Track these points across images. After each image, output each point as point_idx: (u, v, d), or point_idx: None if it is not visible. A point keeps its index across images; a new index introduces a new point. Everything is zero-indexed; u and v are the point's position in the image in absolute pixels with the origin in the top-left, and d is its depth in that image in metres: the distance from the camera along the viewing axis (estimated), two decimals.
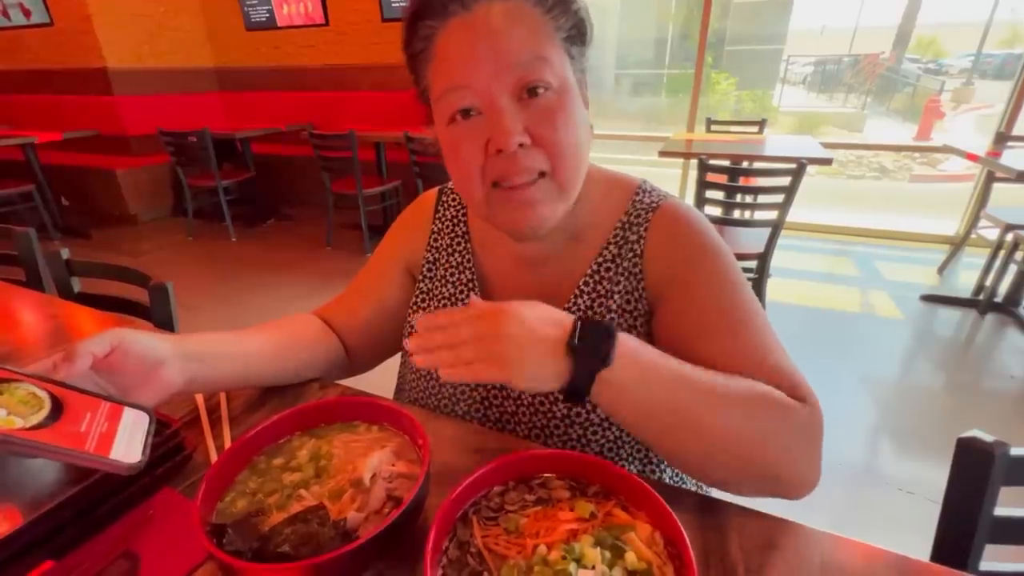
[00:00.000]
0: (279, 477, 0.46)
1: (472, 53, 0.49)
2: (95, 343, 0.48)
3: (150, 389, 0.52)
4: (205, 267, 3.47)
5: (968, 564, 0.54)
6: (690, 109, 3.75)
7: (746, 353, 0.52)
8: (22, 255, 1.23)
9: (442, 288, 0.70)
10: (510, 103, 0.50)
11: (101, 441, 0.43)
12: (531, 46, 0.49)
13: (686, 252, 0.58)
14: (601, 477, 0.43)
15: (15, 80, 4.56)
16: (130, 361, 0.51)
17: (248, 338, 0.64)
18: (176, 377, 0.53)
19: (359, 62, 4.11)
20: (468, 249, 0.69)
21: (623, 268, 0.60)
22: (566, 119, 0.51)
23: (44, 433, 0.40)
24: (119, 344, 0.50)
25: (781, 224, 2.11)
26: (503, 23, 0.49)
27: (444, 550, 0.38)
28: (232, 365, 0.60)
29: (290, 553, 0.37)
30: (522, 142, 0.50)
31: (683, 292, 0.57)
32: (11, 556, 0.42)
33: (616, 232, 0.61)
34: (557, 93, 0.50)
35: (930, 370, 2.22)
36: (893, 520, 1.45)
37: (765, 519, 0.48)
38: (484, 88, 0.49)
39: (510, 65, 0.49)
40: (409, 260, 0.74)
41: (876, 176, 7.68)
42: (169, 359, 0.53)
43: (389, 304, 0.74)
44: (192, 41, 4.55)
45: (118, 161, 4.16)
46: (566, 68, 0.52)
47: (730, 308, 0.54)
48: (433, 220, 0.73)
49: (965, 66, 15.28)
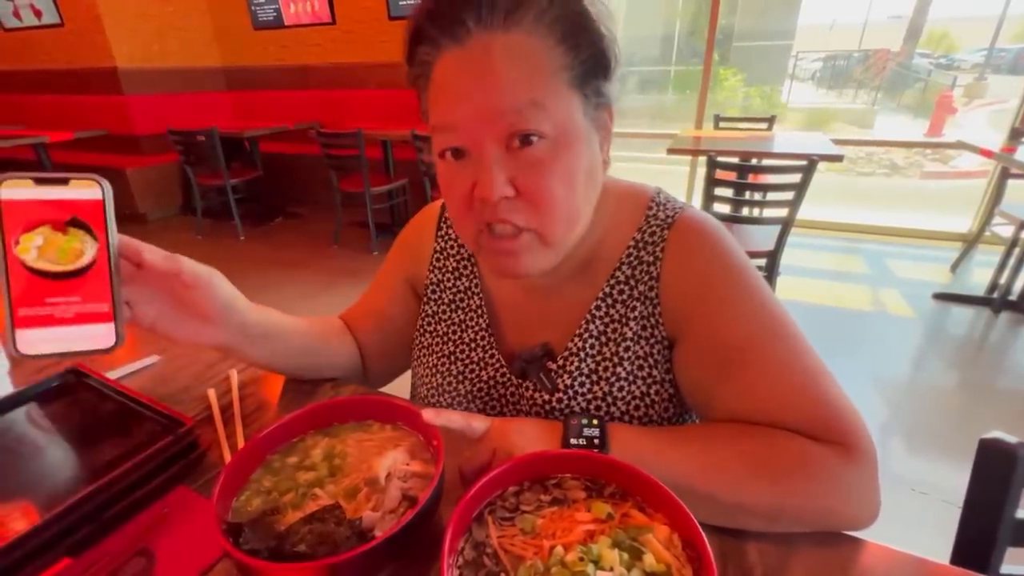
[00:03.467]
0: (293, 476, 0.46)
1: (462, 93, 0.45)
2: (191, 266, 0.49)
3: (188, 330, 0.51)
4: (214, 265, 3.46)
5: (989, 567, 0.53)
6: (698, 106, 3.72)
7: (774, 390, 0.48)
8: None
9: (451, 314, 0.67)
10: (498, 151, 0.46)
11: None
12: (526, 90, 0.44)
13: (704, 276, 0.53)
14: (617, 477, 0.42)
15: (27, 80, 4.61)
16: (206, 305, 0.51)
17: (287, 321, 0.64)
18: (221, 336, 0.54)
19: (366, 60, 4.12)
20: (476, 273, 0.66)
21: (638, 292, 0.56)
22: (559, 171, 0.46)
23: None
24: (208, 285, 0.50)
25: (791, 221, 2.09)
26: (499, 61, 0.44)
27: (460, 550, 0.38)
28: (271, 347, 0.61)
29: (307, 552, 0.37)
30: (506, 194, 0.46)
31: (703, 326, 0.52)
32: (28, 554, 0.42)
33: (629, 251, 0.57)
34: (553, 143, 0.46)
35: (943, 369, 2.20)
36: (907, 521, 1.43)
37: None
38: (472, 132, 0.46)
39: (500, 111, 0.44)
40: (412, 279, 0.72)
41: (886, 173, 7.59)
42: (233, 322, 0.54)
43: (397, 320, 0.73)
44: (200, 40, 4.58)
45: (128, 160, 4.21)
46: (573, 112, 0.47)
47: (752, 337, 0.50)
48: (435, 238, 0.70)
49: (978, 61, 15.05)
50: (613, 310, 0.57)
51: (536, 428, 0.49)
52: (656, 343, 0.56)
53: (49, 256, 0.40)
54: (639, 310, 0.56)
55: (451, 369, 0.65)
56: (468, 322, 0.66)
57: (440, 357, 0.67)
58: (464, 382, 0.64)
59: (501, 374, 0.62)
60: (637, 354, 0.56)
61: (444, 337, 0.68)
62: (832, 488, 0.44)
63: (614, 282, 0.57)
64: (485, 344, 0.64)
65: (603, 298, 0.58)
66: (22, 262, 0.40)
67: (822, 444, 0.45)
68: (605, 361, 0.57)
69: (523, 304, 0.64)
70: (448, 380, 0.65)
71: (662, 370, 0.56)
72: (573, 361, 0.58)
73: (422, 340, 0.70)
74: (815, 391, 0.48)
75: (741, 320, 0.51)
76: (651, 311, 0.56)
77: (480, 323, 0.65)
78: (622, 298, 0.57)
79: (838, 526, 0.46)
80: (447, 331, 0.68)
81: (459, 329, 0.67)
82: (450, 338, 0.67)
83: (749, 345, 0.50)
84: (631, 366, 0.56)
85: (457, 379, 0.65)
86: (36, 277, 0.40)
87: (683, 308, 0.54)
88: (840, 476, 0.44)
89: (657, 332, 0.56)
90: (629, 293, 0.57)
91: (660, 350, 0.56)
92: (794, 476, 0.44)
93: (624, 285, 0.57)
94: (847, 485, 0.45)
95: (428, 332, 0.69)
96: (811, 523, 0.45)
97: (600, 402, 0.56)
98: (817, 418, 0.46)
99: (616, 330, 0.57)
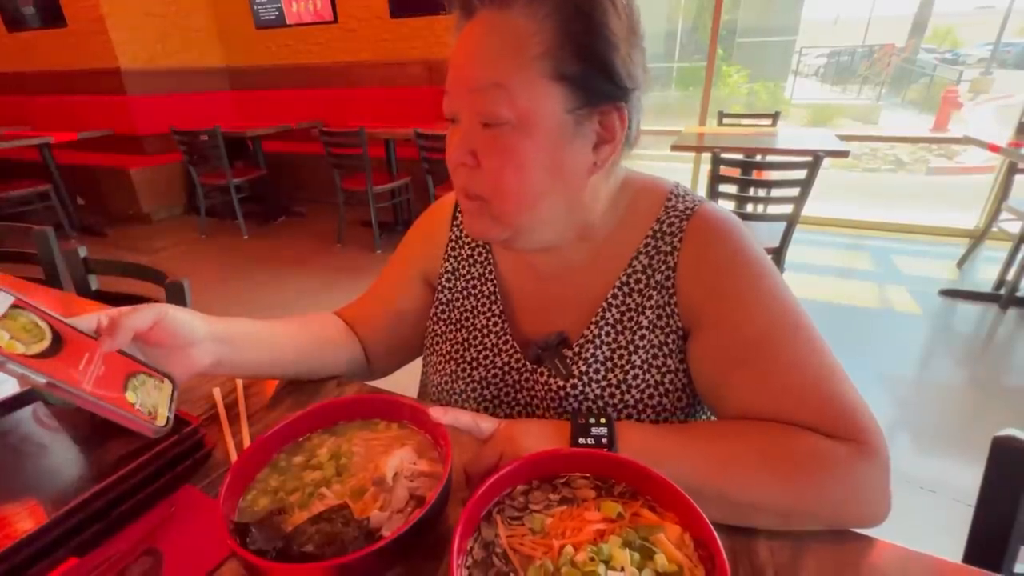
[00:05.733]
0: (300, 475, 0.46)
1: (454, 64, 0.49)
2: (139, 318, 0.48)
3: (177, 365, 0.52)
4: (218, 265, 3.49)
5: (1003, 566, 0.53)
6: (702, 102, 3.70)
7: (787, 385, 0.48)
8: (41, 254, 1.24)
9: (464, 300, 0.68)
10: (472, 123, 0.49)
11: (111, 392, 0.42)
12: (491, 72, 0.46)
13: (721, 268, 0.53)
14: (627, 476, 0.42)
15: (32, 81, 4.63)
16: (165, 337, 0.51)
17: (276, 328, 0.64)
18: (204, 358, 0.54)
19: (368, 59, 4.12)
20: (490, 260, 0.67)
21: (655, 282, 0.56)
22: (512, 158, 0.48)
23: (45, 364, 0.39)
24: (161, 319, 0.50)
25: (796, 218, 2.08)
26: (481, 39, 0.47)
27: (468, 550, 0.37)
28: (258, 353, 0.61)
29: (314, 553, 0.36)
30: (464, 163, 0.50)
31: (718, 318, 0.52)
32: (35, 553, 0.42)
33: (647, 241, 0.57)
34: (513, 128, 0.47)
35: (950, 366, 2.18)
36: (915, 519, 1.42)
37: None
38: (455, 101, 0.50)
39: (469, 87, 0.48)
40: (426, 269, 0.72)
41: (891, 169, 7.54)
42: (202, 339, 0.54)
43: (407, 314, 0.72)
44: (203, 40, 4.59)
45: (132, 160, 4.22)
46: (547, 103, 0.46)
47: (767, 331, 0.50)
48: (451, 227, 0.70)
49: (983, 56, 14.93)
50: (629, 299, 0.57)
51: (543, 428, 0.49)
52: (671, 332, 0.56)
53: (21, 338, 0.40)
54: (655, 299, 0.56)
55: (465, 356, 0.65)
56: (481, 308, 0.66)
57: (454, 344, 0.67)
58: (479, 368, 0.64)
59: (516, 360, 0.62)
60: (652, 343, 0.56)
61: (457, 324, 0.68)
62: (846, 486, 0.44)
63: (631, 271, 0.58)
64: (499, 330, 0.64)
65: (620, 286, 0.58)
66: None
67: (835, 441, 0.45)
68: (620, 349, 0.57)
69: (537, 291, 0.64)
70: (462, 367, 0.65)
71: (676, 359, 0.56)
72: (588, 348, 0.58)
73: (435, 328, 0.70)
74: (829, 388, 0.47)
75: (756, 314, 0.51)
76: (667, 300, 0.56)
77: (494, 309, 0.65)
78: (639, 287, 0.57)
79: (850, 524, 0.45)
80: (460, 318, 0.68)
81: (472, 316, 0.67)
82: (463, 325, 0.67)
83: (764, 339, 0.50)
84: (646, 354, 0.56)
85: (471, 365, 0.65)
86: (33, 359, 0.40)
87: (699, 299, 0.54)
88: (854, 474, 0.44)
89: (672, 322, 0.56)
90: (646, 282, 0.57)
91: (675, 340, 0.56)
92: (808, 473, 0.44)
93: (641, 274, 0.57)
94: (861, 483, 0.44)
95: (442, 320, 0.69)
96: (824, 521, 0.45)
97: (614, 389, 0.57)
98: (830, 415, 0.46)
99: (632, 318, 0.57)
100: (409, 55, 3.93)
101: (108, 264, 1.15)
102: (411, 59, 3.92)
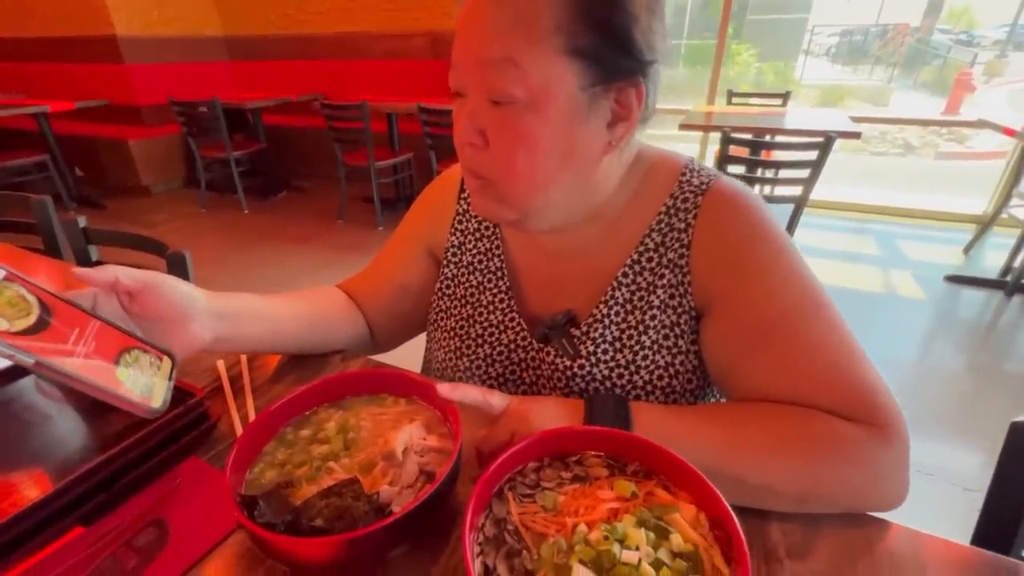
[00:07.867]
0: (307, 449, 0.45)
1: (461, 35, 0.46)
2: (128, 272, 0.47)
3: (177, 341, 0.50)
4: (218, 239, 3.47)
5: (1012, 550, 0.52)
6: (711, 81, 3.62)
7: (806, 367, 0.46)
8: (40, 223, 1.22)
9: (470, 275, 0.66)
10: (479, 100, 0.46)
11: (102, 363, 0.41)
12: (503, 46, 0.43)
13: (738, 245, 0.51)
14: (641, 455, 0.41)
15: (27, 48, 4.51)
16: (162, 307, 0.49)
17: (277, 303, 0.63)
18: (205, 334, 0.52)
19: (371, 29, 4.01)
20: (497, 235, 0.65)
21: (668, 259, 0.54)
22: (524, 138, 0.46)
23: (32, 342, 0.37)
24: (154, 286, 0.48)
25: (805, 200, 2.05)
26: (491, 11, 0.44)
27: (480, 527, 0.37)
28: (260, 328, 0.59)
29: (324, 527, 0.36)
30: (472, 142, 0.48)
31: (734, 298, 0.50)
32: (41, 522, 0.42)
33: (660, 218, 0.55)
34: (524, 107, 0.45)
35: (954, 352, 2.18)
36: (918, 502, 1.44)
37: None
38: (462, 75, 0.48)
39: (478, 60, 0.45)
40: (431, 242, 0.70)
41: (900, 153, 7.43)
42: (202, 313, 0.52)
43: (412, 287, 0.71)
44: (201, 7, 4.46)
45: (130, 131, 4.15)
46: (560, 81, 0.44)
47: (786, 312, 0.48)
48: (458, 200, 0.68)
49: (999, 37, 14.56)
50: (640, 277, 0.56)
51: (558, 408, 0.47)
52: (683, 313, 0.54)
53: (5, 313, 0.38)
54: (668, 278, 0.54)
55: (469, 332, 0.64)
56: (487, 284, 0.65)
57: (459, 320, 0.66)
58: (484, 345, 0.63)
59: (522, 338, 0.61)
60: (663, 323, 0.55)
61: (463, 300, 0.66)
62: (865, 471, 0.43)
63: (643, 248, 0.56)
64: (504, 307, 0.63)
65: (631, 265, 0.56)
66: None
67: (854, 424, 0.44)
68: (630, 329, 0.55)
69: (545, 269, 0.62)
70: (467, 343, 0.64)
71: (688, 340, 0.55)
72: (597, 328, 0.56)
73: (440, 304, 0.68)
74: (848, 370, 0.46)
75: (776, 292, 0.49)
76: (680, 279, 0.54)
77: (500, 285, 0.64)
78: (651, 265, 0.55)
79: (867, 508, 0.45)
80: (465, 293, 0.66)
81: (477, 291, 0.65)
82: (468, 301, 0.66)
83: (784, 319, 0.48)
84: (656, 335, 0.55)
85: (476, 342, 0.63)
86: (16, 336, 0.38)
87: (714, 279, 0.52)
88: (873, 458, 0.43)
89: (685, 302, 0.54)
90: (658, 260, 0.55)
91: (687, 320, 0.54)
92: (825, 457, 0.43)
93: (653, 252, 0.55)
94: (880, 467, 0.43)
95: (447, 295, 0.68)
96: (841, 505, 0.44)
97: (623, 370, 0.55)
98: (850, 397, 0.45)
99: (643, 298, 0.55)
100: (413, 26, 3.81)
101: (108, 235, 1.14)
102: (415, 31, 3.82)
